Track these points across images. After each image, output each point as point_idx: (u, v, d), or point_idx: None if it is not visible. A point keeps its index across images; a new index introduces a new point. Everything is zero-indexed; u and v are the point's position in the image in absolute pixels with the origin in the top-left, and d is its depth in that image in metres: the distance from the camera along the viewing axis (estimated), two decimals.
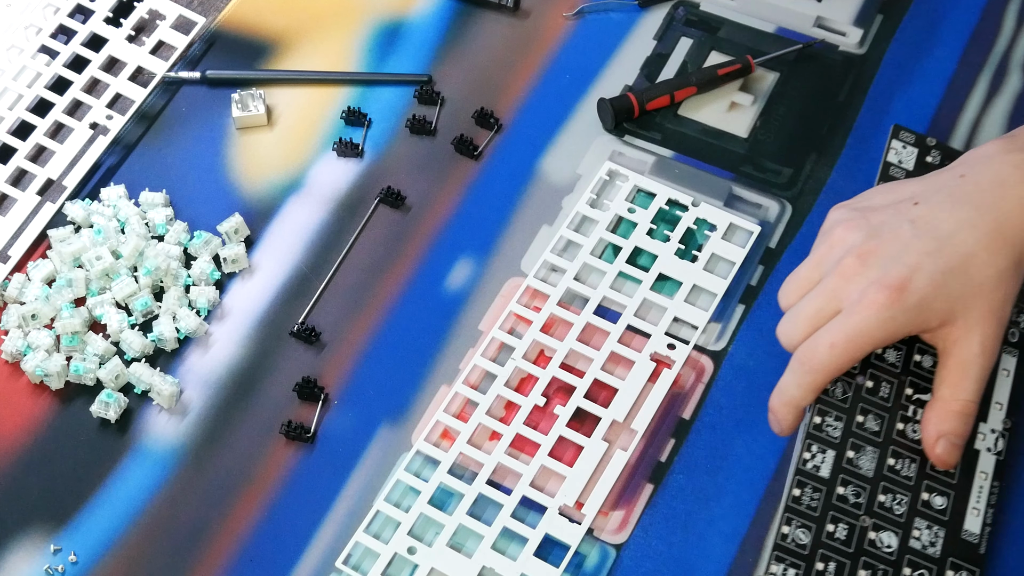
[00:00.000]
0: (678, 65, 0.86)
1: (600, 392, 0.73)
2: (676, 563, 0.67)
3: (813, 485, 0.64)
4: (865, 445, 0.65)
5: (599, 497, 0.69)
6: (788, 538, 0.63)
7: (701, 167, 0.81)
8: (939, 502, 0.64)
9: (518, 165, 0.82)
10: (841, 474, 0.65)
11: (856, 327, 0.62)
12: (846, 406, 0.66)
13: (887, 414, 0.66)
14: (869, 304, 0.62)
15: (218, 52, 0.87)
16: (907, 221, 0.65)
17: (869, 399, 0.66)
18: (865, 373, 0.67)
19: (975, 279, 0.63)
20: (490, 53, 0.87)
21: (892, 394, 0.67)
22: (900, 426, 0.66)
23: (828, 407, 0.66)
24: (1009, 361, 0.68)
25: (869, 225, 0.65)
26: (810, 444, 0.65)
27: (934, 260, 0.63)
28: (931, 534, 0.64)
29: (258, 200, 0.80)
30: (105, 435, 0.72)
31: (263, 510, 0.69)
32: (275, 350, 0.75)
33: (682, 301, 0.75)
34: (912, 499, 0.64)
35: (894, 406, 0.66)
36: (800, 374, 0.64)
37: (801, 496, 0.64)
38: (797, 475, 0.64)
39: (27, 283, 0.76)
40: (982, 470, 0.65)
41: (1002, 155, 0.67)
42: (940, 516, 0.64)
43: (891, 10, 0.88)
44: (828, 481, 0.64)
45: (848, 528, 0.63)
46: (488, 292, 0.76)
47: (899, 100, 0.84)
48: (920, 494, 0.64)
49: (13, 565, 0.68)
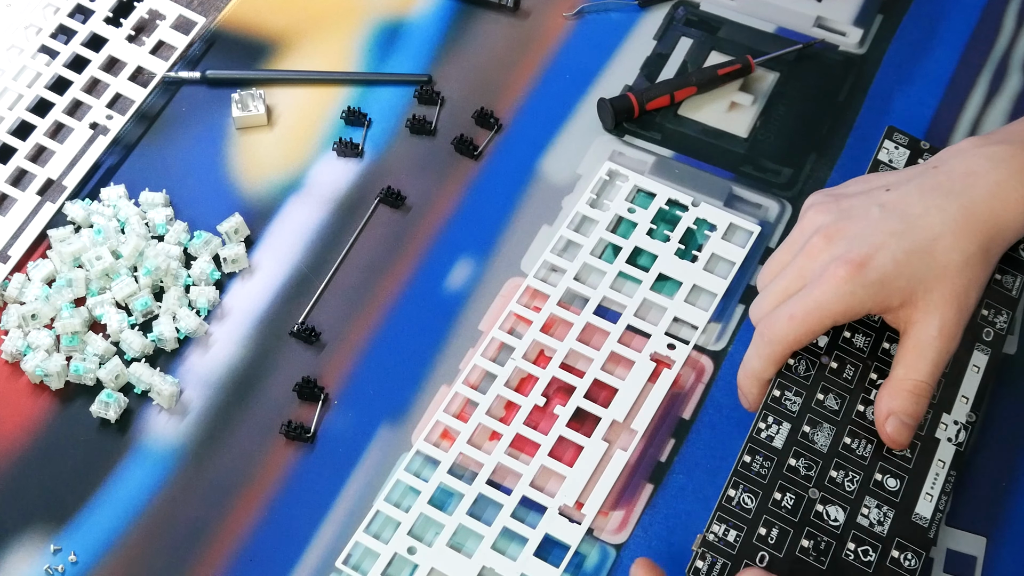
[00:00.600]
0: (678, 65, 0.86)
1: (600, 392, 0.73)
2: (676, 563, 0.67)
3: (765, 454, 0.65)
4: (822, 422, 0.66)
5: (599, 497, 0.69)
6: (734, 501, 0.64)
7: (701, 167, 0.81)
8: (892, 484, 0.65)
9: (518, 165, 0.82)
10: (795, 447, 0.66)
11: (815, 300, 0.63)
12: (807, 383, 0.67)
13: (848, 395, 0.67)
14: (829, 278, 0.63)
15: (218, 52, 0.87)
16: (876, 205, 0.65)
17: (832, 379, 0.67)
18: (831, 354, 0.67)
19: (939, 261, 0.63)
20: (490, 53, 0.87)
21: (856, 377, 0.67)
22: (860, 408, 0.67)
23: (789, 382, 0.67)
24: (980, 358, 0.69)
25: (839, 208, 0.66)
26: (766, 415, 0.66)
27: (899, 240, 0.63)
28: (880, 513, 0.64)
29: (258, 200, 0.80)
30: (105, 435, 0.72)
31: (263, 510, 0.69)
32: (275, 350, 0.75)
33: (682, 301, 0.75)
34: (865, 478, 0.65)
35: (856, 388, 0.67)
36: (760, 346, 0.65)
37: (751, 463, 0.65)
38: (749, 442, 0.65)
39: (27, 283, 0.76)
40: (940, 458, 0.66)
41: (975, 148, 0.68)
42: (891, 498, 0.65)
43: (891, 10, 0.88)
44: (780, 452, 0.65)
45: (795, 498, 0.64)
46: (488, 292, 0.76)
47: (899, 100, 0.84)
48: (873, 474, 0.65)
49: (13, 565, 0.68)
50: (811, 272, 0.64)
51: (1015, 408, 0.71)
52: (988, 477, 0.69)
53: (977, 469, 0.69)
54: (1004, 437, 0.70)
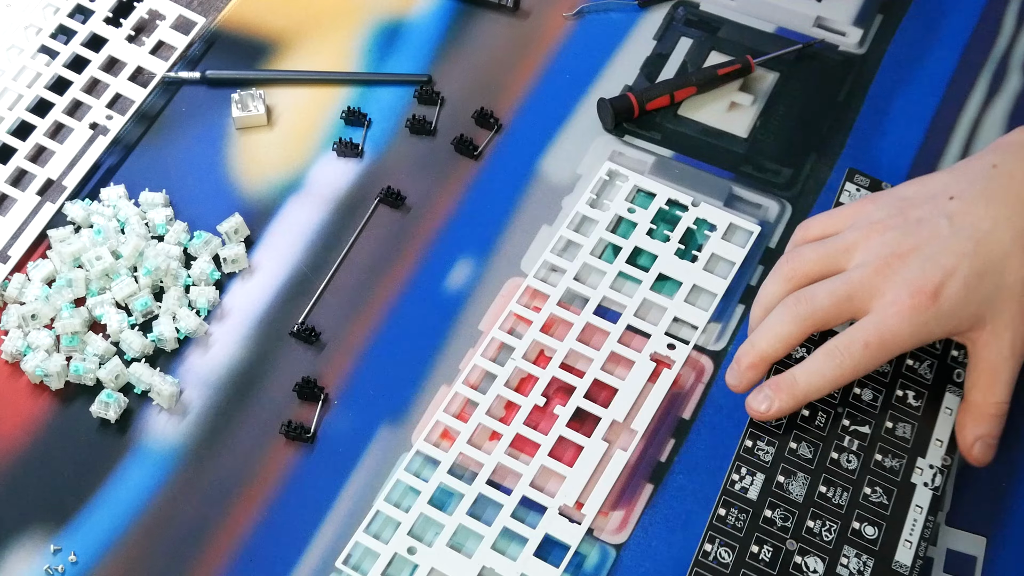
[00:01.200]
0: (678, 65, 0.86)
1: (600, 392, 0.73)
2: (676, 563, 0.67)
3: (740, 506, 0.65)
4: (796, 471, 0.66)
5: (599, 497, 0.69)
6: (710, 556, 0.64)
7: (701, 167, 0.81)
8: (870, 532, 0.65)
9: (518, 165, 0.82)
10: (770, 497, 0.65)
11: (891, 330, 0.62)
12: (779, 432, 0.67)
13: (821, 443, 0.67)
14: (902, 309, 0.62)
15: (218, 52, 0.87)
16: (944, 216, 0.64)
17: (804, 427, 0.67)
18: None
19: (1008, 281, 0.63)
20: (490, 53, 0.87)
21: (828, 424, 0.67)
22: (835, 455, 0.66)
23: (760, 432, 0.67)
24: (952, 400, 0.69)
25: (905, 219, 0.65)
26: (739, 466, 0.66)
27: (970, 262, 0.63)
28: (859, 562, 0.64)
29: (258, 200, 0.80)
30: (105, 435, 0.72)
31: (263, 510, 0.69)
32: (275, 350, 0.75)
33: (682, 301, 0.75)
34: (842, 527, 0.65)
35: (829, 436, 0.67)
36: (830, 366, 0.64)
37: (727, 516, 0.65)
38: (723, 495, 0.65)
39: (27, 283, 0.76)
40: (917, 504, 0.66)
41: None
42: (871, 546, 0.64)
43: (891, 10, 0.88)
44: (755, 503, 0.65)
45: (773, 550, 0.64)
46: (488, 292, 0.76)
47: (899, 100, 0.84)
48: (851, 523, 0.65)
49: (13, 565, 0.68)
50: (878, 292, 0.63)
51: (1015, 408, 0.71)
52: (988, 477, 0.69)
53: (977, 469, 0.69)
54: (1004, 437, 0.70)
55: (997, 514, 0.69)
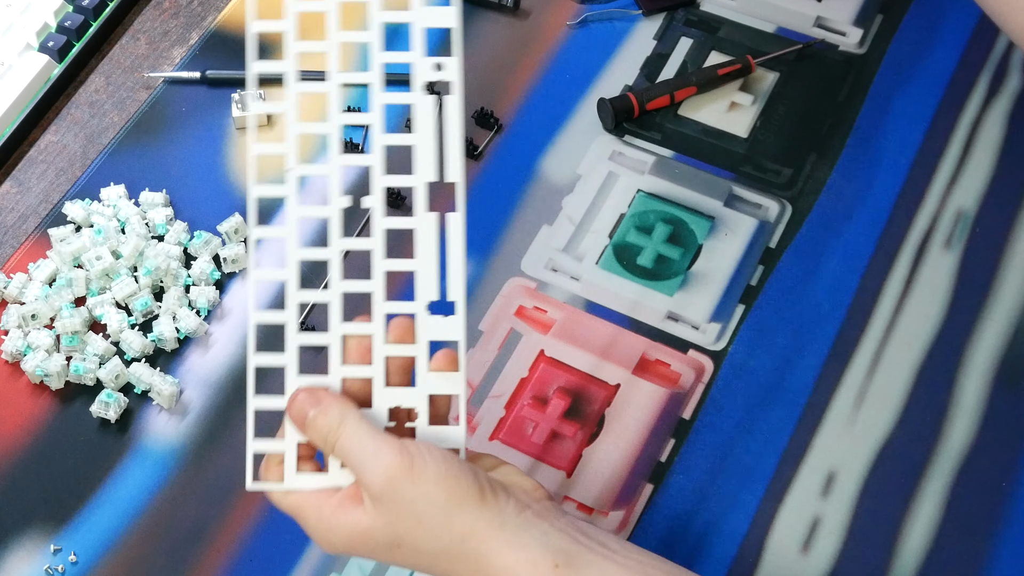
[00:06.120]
0: (678, 65, 0.86)
1: (600, 392, 0.73)
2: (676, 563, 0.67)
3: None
4: None
5: (599, 497, 0.69)
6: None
7: (701, 167, 0.81)
8: None
9: (518, 165, 0.81)
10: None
11: None
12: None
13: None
14: None
15: (218, 52, 0.87)
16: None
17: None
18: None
19: None
20: (490, 53, 0.87)
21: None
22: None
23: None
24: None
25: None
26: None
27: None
28: None
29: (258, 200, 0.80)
30: (105, 435, 0.72)
31: (263, 510, 0.69)
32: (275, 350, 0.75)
33: (682, 301, 0.75)
34: None
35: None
36: None
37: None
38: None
39: (27, 283, 0.76)
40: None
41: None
42: None
43: (891, 10, 0.88)
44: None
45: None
46: (488, 292, 0.76)
47: (899, 100, 0.84)
48: None
49: (13, 565, 0.68)
50: None
51: (1015, 408, 0.71)
52: (988, 477, 0.69)
53: (977, 469, 0.69)
54: (1004, 437, 0.70)
55: (997, 514, 0.69)
